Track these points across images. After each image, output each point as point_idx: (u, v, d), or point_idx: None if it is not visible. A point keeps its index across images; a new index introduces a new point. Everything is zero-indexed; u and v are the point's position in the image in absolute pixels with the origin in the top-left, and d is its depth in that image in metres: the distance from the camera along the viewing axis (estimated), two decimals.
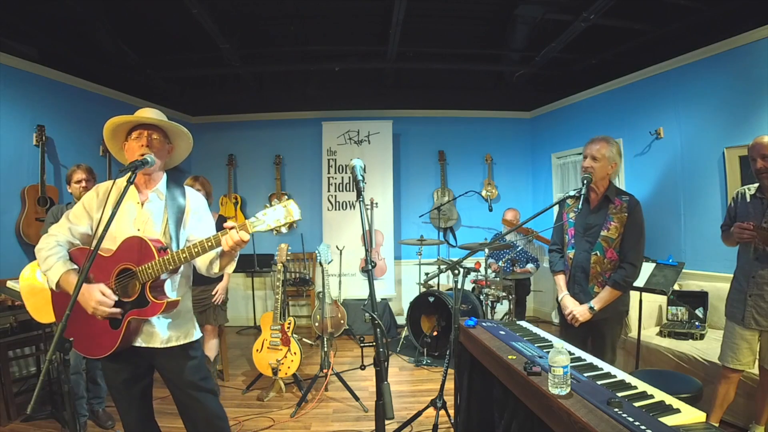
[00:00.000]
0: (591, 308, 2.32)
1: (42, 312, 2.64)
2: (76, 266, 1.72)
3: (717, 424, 2.47)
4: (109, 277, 1.68)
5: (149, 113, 1.80)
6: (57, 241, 1.74)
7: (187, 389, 1.84)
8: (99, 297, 1.61)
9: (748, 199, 2.44)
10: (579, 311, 2.35)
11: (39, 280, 2.68)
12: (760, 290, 2.32)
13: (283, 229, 1.56)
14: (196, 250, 1.61)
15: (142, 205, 1.79)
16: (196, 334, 1.89)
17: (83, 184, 2.90)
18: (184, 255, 1.61)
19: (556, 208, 2.71)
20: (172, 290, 1.78)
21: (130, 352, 1.76)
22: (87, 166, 2.97)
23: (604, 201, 2.36)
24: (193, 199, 1.90)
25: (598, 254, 2.35)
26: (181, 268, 1.77)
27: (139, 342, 1.76)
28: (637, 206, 2.34)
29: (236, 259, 1.78)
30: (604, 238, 2.33)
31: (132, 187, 1.76)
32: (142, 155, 1.70)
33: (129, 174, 1.62)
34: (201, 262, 1.79)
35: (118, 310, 1.64)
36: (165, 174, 1.89)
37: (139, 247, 1.65)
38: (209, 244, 1.60)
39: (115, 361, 1.77)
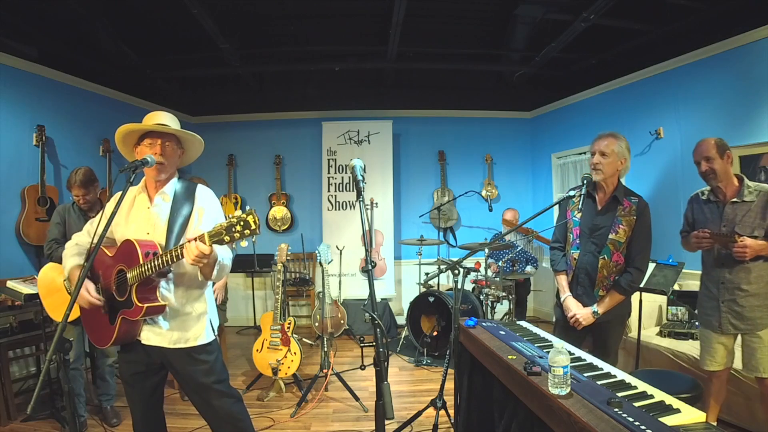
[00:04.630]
0: (595, 312, 2.28)
1: (59, 311, 2.69)
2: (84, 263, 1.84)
3: (715, 423, 2.48)
4: (111, 276, 1.74)
5: (162, 118, 1.81)
6: (76, 243, 1.89)
7: (200, 391, 1.85)
8: (83, 292, 1.74)
9: (702, 204, 2.43)
10: (582, 315, 2.30)
11: (56, 281, 2.72)
12: (731, 295, 2.31)
13: (242, 242, 1.47)
14: (166, 259, 1.58)
15: (150, 209, 1.82)
16: (207, 337, 1.85)
17: (80, 201, 2.87)
18: (157, 263, 1.59)
19: (556, 207, 2.63)
20: (169, 293, 1.78)
21: (142, 349, 1.78)
22: (82, 180, 2.83)
23: (612, 202, 2.28)
24: (202, 197, 1.86)
25: (606, 258, 2.27)
26: (172, 273, 1.76)
27: (150, 340, 1.77)
28: (647, 209, 2.26)
29: (218, 267, 1.68)
30: (612, 241, 2.24)
31: (143, 194, 1.84)
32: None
33: (131, 176, 1.64)
34: (193, 270, 1.76)
35: (97, 302, 1.74)
36: (176, 177, 1.90)
37: (129, 250, 1.68)
38: (175, 254, 1.56)
39: (130, 354, 1.81)
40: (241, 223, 1.41)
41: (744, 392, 2.62)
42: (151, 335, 1.77)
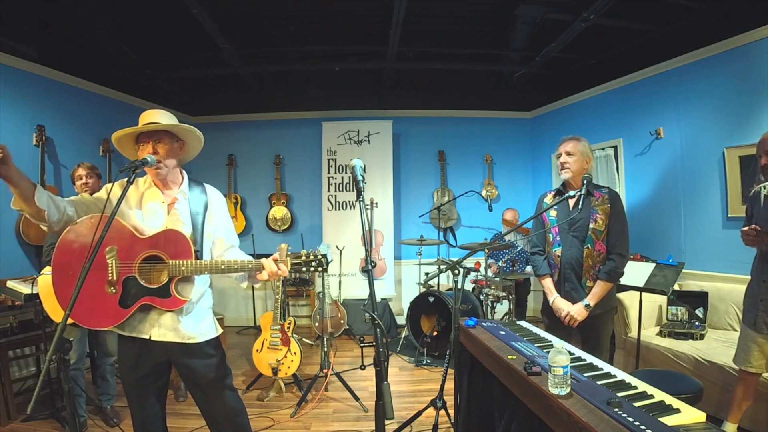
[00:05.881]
0: (587, 305, 2.35)
1: (60, 314, 2.68)
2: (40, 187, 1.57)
3: (736, 425, 2.44)
4: (134, 257, 1.71)
5: (152, 117, 1.80)
6: (56, 200, 1.64)
7: (206, 387, 1.85)
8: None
9: (762, 200, 2.34)
10: (576, 311, 2.36)
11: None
12: None
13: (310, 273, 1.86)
14: (235, 266, 1.72)
15: (171, 206, 1.82)
16: (216, 331, 1.91)
17: (83, 180, 2.90)
18: (223, 266, 1.71)
19: (533, 213, 2.72)
20: (191, 288, 1.81)
21: (147, 349, 1.77)
22: (89, 164, 2.98)
23: (585, 195, 2.39)
24: (214, 196, 1.95)
25: (590, 247, 2.37)
26: None
27: (160, 337, 1.76)
28: (618, 196, 2.42)
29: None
30: (593, 230, 2.37)
31: (154, 189, 1.83)
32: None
33: (131, 175, 1.62)
34: (236, 272, 1.85)
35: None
36: (185, 173, 1.91)
37: (177, 241, 1.71)
38: (250, 266, 1.75)
39: (131, 356, 1.79)
40: (318, 261, 1.86)
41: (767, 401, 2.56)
42: (165, 331, 1.76)
